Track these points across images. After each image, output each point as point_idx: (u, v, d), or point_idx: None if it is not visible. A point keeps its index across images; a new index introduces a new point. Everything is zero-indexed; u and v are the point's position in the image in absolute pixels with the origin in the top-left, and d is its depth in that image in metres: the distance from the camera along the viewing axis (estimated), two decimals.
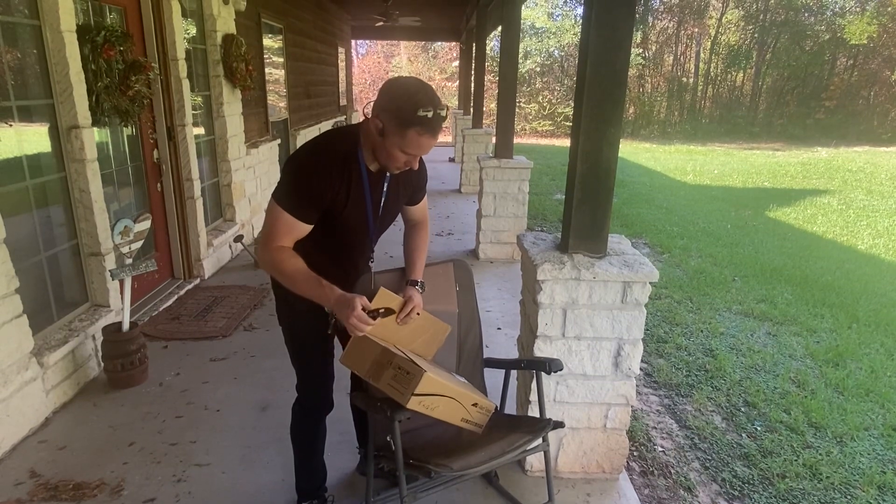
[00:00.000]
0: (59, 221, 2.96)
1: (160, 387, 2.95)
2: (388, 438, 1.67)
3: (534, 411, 2.20)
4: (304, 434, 2.00)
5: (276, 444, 2.47)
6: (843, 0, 21.59)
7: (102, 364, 2.95)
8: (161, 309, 3.81)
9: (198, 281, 4.35)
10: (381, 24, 10.89)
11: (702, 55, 23.98)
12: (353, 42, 14.41)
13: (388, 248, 2.51)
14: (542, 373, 1.94)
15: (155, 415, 2.71)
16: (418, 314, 1.79)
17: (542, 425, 1.82)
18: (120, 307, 3.10)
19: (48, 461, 2.36)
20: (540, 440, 1.83)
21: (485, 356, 2.15)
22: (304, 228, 1.63)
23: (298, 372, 1.93)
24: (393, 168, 1.62)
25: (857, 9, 21.20)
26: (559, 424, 1.84)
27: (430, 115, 1.46)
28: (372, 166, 1.67)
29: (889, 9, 20.45)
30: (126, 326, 2.90)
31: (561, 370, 1.92)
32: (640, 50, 22.28)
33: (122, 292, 2.93)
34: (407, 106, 1.46)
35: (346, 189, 1.62)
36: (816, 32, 22.17)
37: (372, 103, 1.57)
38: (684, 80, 24.05)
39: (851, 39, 20.40)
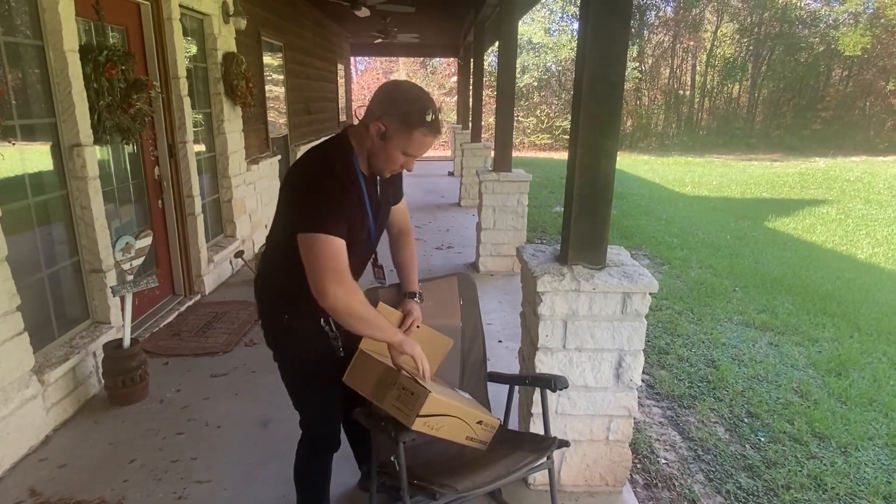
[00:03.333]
0: (61, 239, 2.97)
1: (161, 403, 2.94)
2: (392, 458, 1.65)
3: (537, 425, 2.20)
4: (313, 477, 1.89)
5: (278, 461, 2.45)
6: (836, 12, 21.82)
7: (103, 381, 2.95)
8: (162, 325, 3.81)
9: (198, 297, 4.36)
10: (379, 41, 11.00)
11: (698, 68, 24.19)
12: (352, 59, 14.55)
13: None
14: (546, 388, 1.90)
15: (155, 431, 2.69)
16: (418, 327, 1.79)
17: (547, 444, 1.80)
18: (121, 324, 3.10)
19: (48, 479, 2.34)
20: (545, 458, 1.82)
21: (488, 370, 2.14)
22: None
23: (306, 407, 1.82)
24: (388, 171, 1.62)
25: (851, 21, 21.44)
26: (564, 443, 1.81)
27: (433, 117, 1.52)
28: (365, 171, 1.65)
29: (882, 20, 20.67)
30: (127, 343, 2.90)
31: (566, 387, 1.89)
32: (637, 63, 22.48)
33: (122, 309, 2.93)
34: (413, 110, 1.51)
35: (356, 201, 1.60)
36: (811, 44, 22.40)
37: (366, 107, 1.59)
38: (681, 92, 24.24)
39: (846, 51, 20.61)
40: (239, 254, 4.96)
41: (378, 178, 1.70)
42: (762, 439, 2.85)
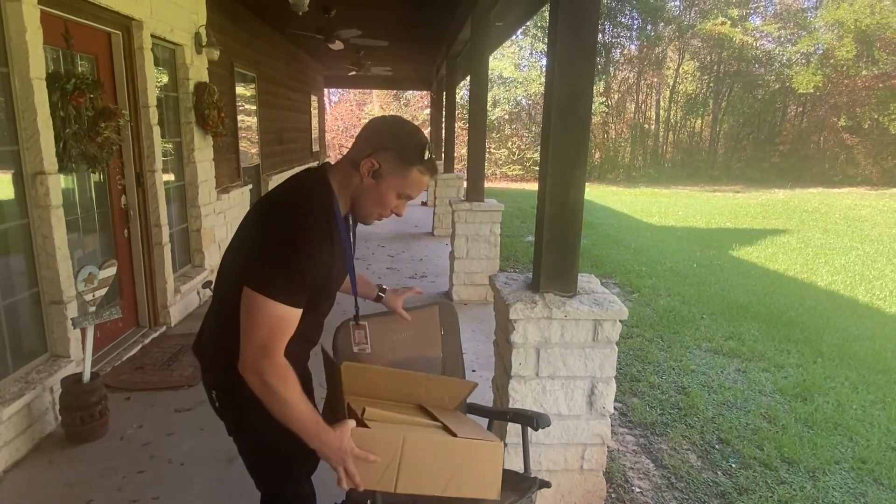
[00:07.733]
0: (20, 269, 2.87)
1: (121, 440, 2.82)
2: (368, 502, 1.57)
3: (510, 455, 2.18)
4: None
5: (245, 498, 2.35)
6: (789, 52, 23.06)
7: (60, 418, 2.82)
8: (124, 358, 3.68)
9: (164, 329, 4.23)
10: (353, 73, 11.16)
11: (661, 103, 25.13)
12: (325, 90, 14.67)
13: None
14: (528, 426, 1.81)
15: (115, 470, 2.57)
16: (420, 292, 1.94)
17: (528, 485, 1.76)
18: (81, 357, 2.98)
19: None
20: (525, 499, 1.78)
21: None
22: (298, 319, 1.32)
23: (278, 494, 1.61)
24: (375, 216, 1.44)
25: (803, 60, 22.66)
26: (545, 484, 1.77)
27: (430, 155, 1.40)
28: (343, 213, 1.44)
29: (831, 61, 21.90)
30: (87, 377, 2.79)
31: (549, 426, 1.81)
32: (604, 98, 23.23)
33: (83, 341, 2.83)
34: (411, 145, 1.37)
35: (331, 250, 1.36)
36: (767, 82, 23.56)
37: (352, 146, 1.42)
38: (646, 126, 25.09)
39: (799, 88, 21.71)
40: (207, 284, 4.86)
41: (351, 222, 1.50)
42: (733, 465, 2.87)
